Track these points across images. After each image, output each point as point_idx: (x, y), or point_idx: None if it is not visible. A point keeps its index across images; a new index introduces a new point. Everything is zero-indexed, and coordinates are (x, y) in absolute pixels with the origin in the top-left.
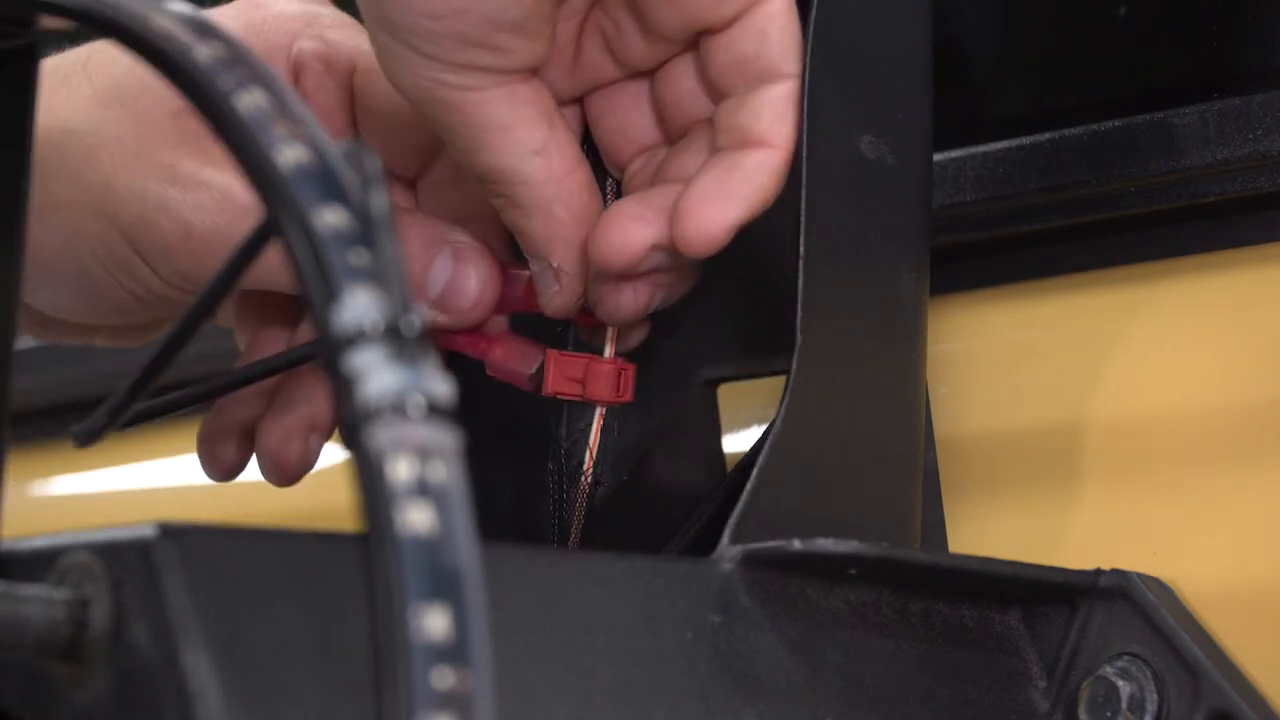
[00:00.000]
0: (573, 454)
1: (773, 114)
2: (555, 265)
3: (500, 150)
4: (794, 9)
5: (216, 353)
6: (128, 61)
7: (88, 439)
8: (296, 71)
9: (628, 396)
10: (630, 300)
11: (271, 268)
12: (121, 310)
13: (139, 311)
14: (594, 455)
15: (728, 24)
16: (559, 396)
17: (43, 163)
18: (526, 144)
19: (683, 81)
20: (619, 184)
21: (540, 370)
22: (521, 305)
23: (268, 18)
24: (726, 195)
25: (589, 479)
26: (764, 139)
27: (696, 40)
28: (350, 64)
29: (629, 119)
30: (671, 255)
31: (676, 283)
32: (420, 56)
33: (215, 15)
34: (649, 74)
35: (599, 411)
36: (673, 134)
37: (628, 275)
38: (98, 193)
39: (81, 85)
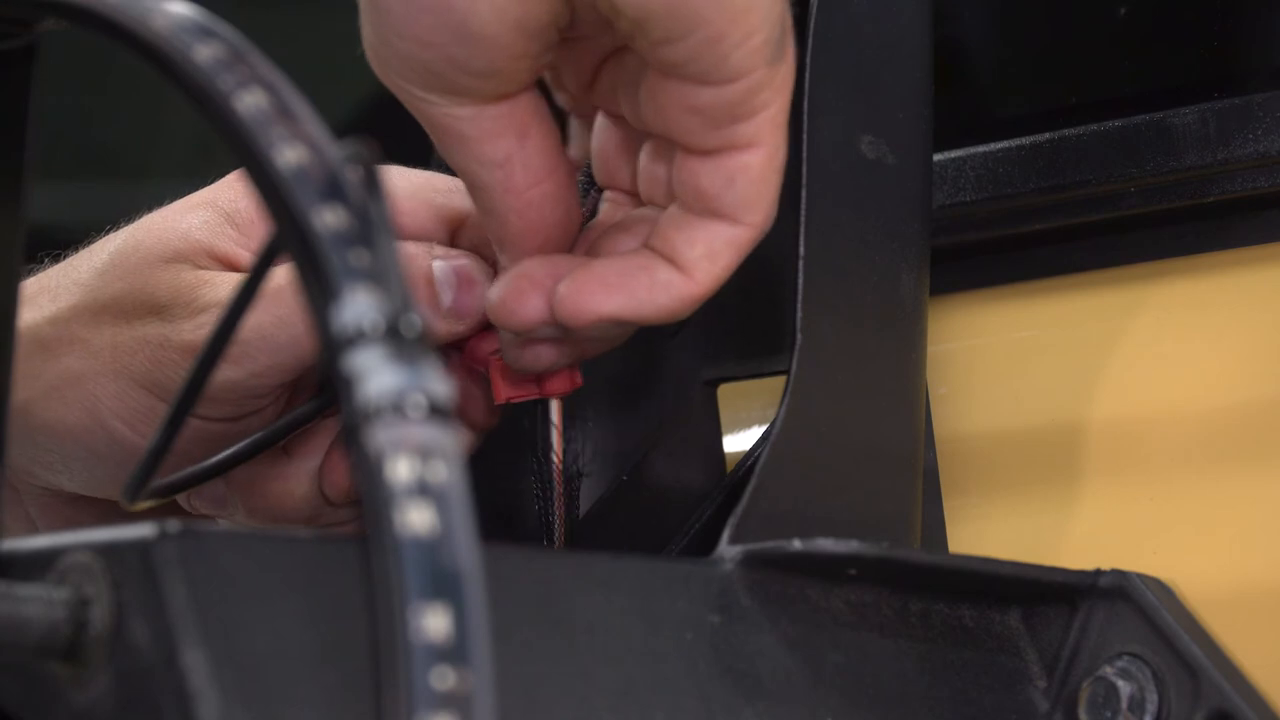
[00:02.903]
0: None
1: (707, 250)
2: (505, 262)
3: (463, 156)
4: (777, 161)
5: None
6: (120, 240)
7: (133, 495)
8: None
9: (579, 382)
10: (531, 357)
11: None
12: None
13: (171, 463)
14: (561, 449)
15: (704, 153)
16: (513, 401)
17: (54, 342)
18: (489, 157)
19: (659, 166)
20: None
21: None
22: None
23: None
24: (621, 289)
25: (561, 473)
26: (688, 267)
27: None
28: None
29: (619, 157)
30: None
31: (594, 345)
32: (387, 64)
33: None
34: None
35: (555, 405)
36: (643, 196)
37: (525, 338)
38: (107, 354)
39: (79, 261)
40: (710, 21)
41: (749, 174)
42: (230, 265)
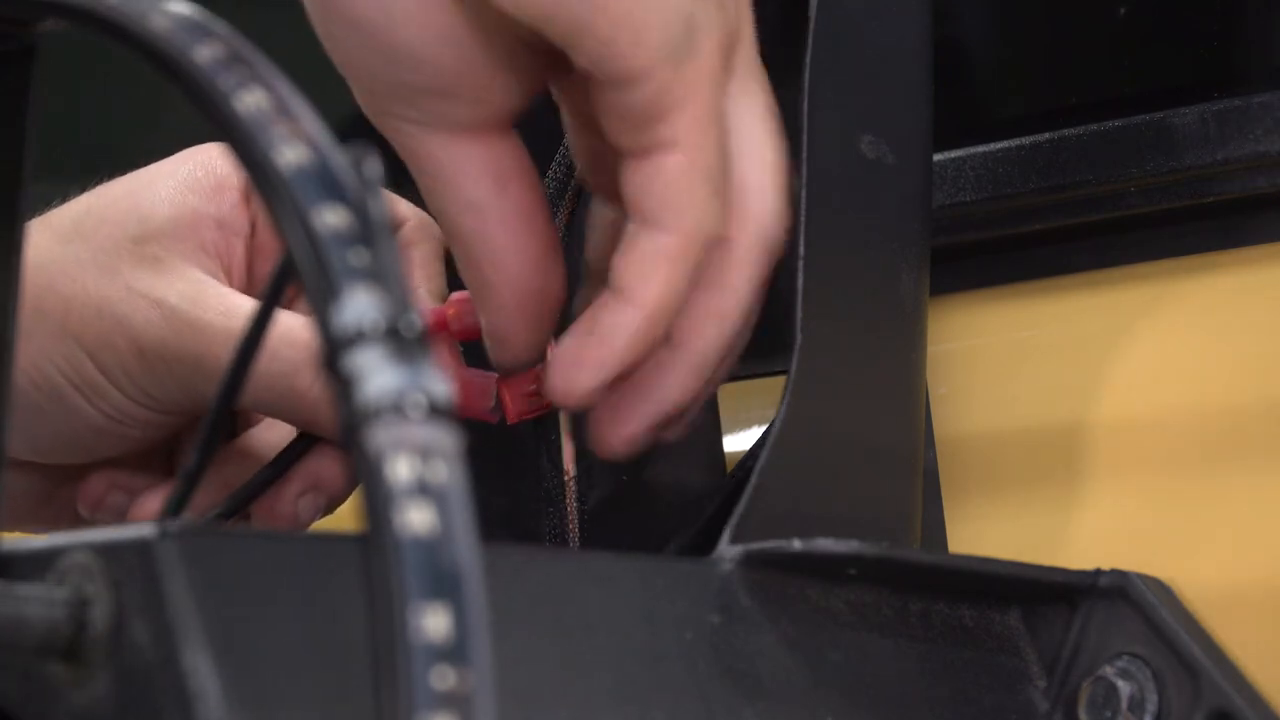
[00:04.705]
0: (556, 460)
1: (639, 266)
2: (485, 323)
3: (438, 196)
4: (701, 162)
5: None
6: (86, 204)
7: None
8: (248, 187)
9: None
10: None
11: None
12: (98, 434)
13: (114, 438)
14: (572, 458)
15: (633, 157)
16: (525, 419)
17: None
18: (465, 198)
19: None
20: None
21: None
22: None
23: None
24: (580, 362)
25: (573, 483)
26: (625, 291)
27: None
28: None
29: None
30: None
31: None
32: (361, 100)
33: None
34: None
35: (564, 418)
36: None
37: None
38: (58, 315)
39: (40, 232)
40: (594, 26)
41: (666, 175)
42: (218, 255)
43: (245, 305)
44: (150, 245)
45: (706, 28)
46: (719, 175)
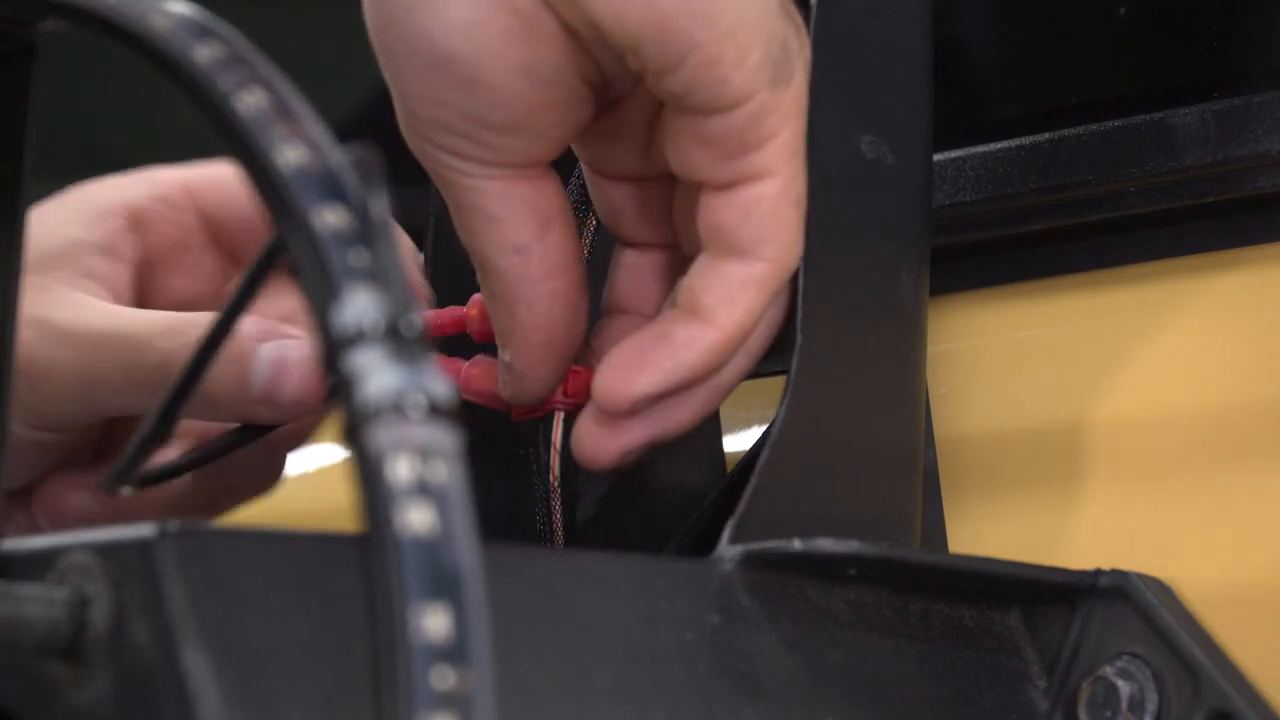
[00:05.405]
0: (544, 465)
1: (725, 292)
2: (507, 359)
3: (484, 238)
4: (793, 191)
5: None
6: None
7: (113, 486)
8: (136, 215)
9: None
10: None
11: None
12: None
13: (12, 467)
14: (558, 471)
15: (720, 188)
16: (527, 417)
17: None
18: (509, 241)
19: (688, 213)
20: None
21: None
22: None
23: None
24: (642, 365)
25: (558, 489)
26: (706, 314)
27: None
28: (194, 192)
29: (638, 213)
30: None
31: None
32: (414, 131)
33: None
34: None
35: (557, 425)
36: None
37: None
38: None
39: None
40: (702, 43)
41: (763, 206)
42: (102, 280)
43: (131, 314)
44: (31, 276)
45: (797, 52)
46: (804, 201)
